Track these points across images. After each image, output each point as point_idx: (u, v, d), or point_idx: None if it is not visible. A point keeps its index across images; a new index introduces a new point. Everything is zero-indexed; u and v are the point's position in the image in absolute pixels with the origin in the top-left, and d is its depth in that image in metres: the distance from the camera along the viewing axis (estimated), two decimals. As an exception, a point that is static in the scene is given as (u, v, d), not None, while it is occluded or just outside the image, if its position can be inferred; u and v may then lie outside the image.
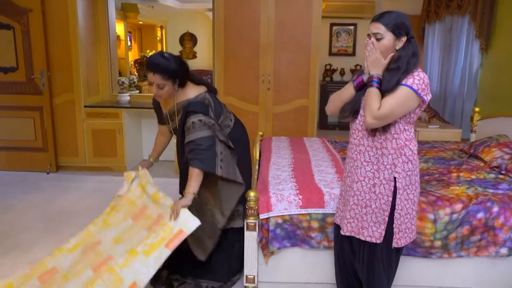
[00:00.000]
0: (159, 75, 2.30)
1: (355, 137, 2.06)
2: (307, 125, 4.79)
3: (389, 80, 1.89)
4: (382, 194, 1.99)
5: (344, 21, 7.35)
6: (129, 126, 4.98)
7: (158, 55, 2.33)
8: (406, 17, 1.93)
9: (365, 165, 2.01)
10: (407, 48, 1.91)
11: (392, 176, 1.96)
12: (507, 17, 4.83)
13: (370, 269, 2.11)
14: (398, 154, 1.95)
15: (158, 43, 7.83)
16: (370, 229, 2.04)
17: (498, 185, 2.75)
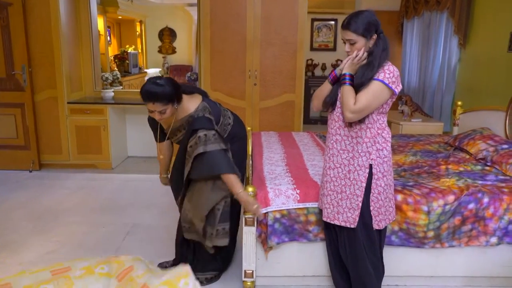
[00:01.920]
0: (159, 103, 2.31)
1: (332, 127, 2.21)
2: (294, 120, 4.84)
3: (362, 75, 2.06)
4: (356, 180, 2.14)
5: (325, 16, 7.42)
6: (113, 123, 4.92)
7: (152, 84, 2.30)
8: (373, 16, 2.08)
9: (341, 153, 2.17)
10: (379, 44, 2.08)
11: (368, 163, 2.12)
12: (484, 13, 4.99)
13: (352, 253, 2.25)
14: (372, 142, 2.12)
15: (138, 38, 7.73)
16: (345, 214, 2.19)
17: (485, 177, 2.86)
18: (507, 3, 4.43)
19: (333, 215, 2.23)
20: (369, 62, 2.06)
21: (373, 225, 2.19)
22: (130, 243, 3.21)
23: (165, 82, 2.32)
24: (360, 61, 2.06)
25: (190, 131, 2.43)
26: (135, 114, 5.29)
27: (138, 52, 7.47)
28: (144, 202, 3.98)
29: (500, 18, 4.56)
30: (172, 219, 3.54)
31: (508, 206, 2.53)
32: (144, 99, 2.33)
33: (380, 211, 2.18)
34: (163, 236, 3.30)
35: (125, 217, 3.65)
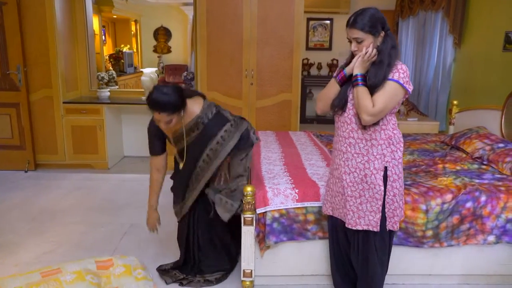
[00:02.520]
0: (165, 113, 2.29)
1: (344, 130, 2.13)
2: (291, 119, 4.84)
3: (375, 75, 1.98)
4: (374, 183, 2.08)
5: (321, 15, 7.43)
6: (110, 122, 4.90)
7: (159, 93, 2.27)
8: (378, 12, 2.01)
9: (355, 156, 2.09)
10: (387, 41, 2.01)
11: (383, 166, 2.06)
12: (479, 13, 5.02)
13: (364, 257, 2.20)
14: (387, 144, 2.06)
15: (133, 38, 7.69)
16: (366, 218, 2.12)
17: (482, 175, 2.88)
18: (502, 3, 4.47)
19: (354, 220, 2.14)
20: (380, 60, 1.98)
21: (387, 226, 2.14)
22: (127, 244, 3.19)
23: (171, 91, 2.29)
24: (370, 58, 1.97)
25: (208, 136, 2.46)
26: (131, 114, 5.27)
27: (133, 51, 7.44)
28: (141, 202, 3.94)
29: (494, 18, 4.60)
30: (170, 219, 3.51)
31: (505, 205, 2.55)
32: (151, 108, 2.30)
33: (395, 213, 2.13)
34: (160, 236, 3.27)
35: (122, 217, 3.64)
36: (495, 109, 3.72)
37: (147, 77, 5.06)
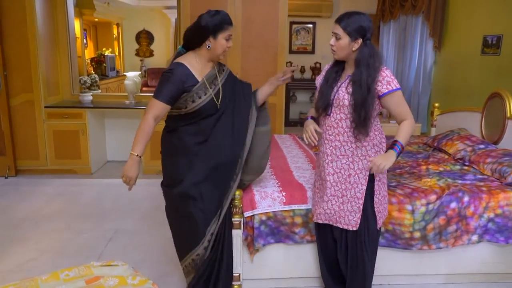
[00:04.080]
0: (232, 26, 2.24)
1: (330, 133, 2.18)
2: (276, 123, 4.86)
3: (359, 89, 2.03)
4: (357, 183, 2.15)
5: (303, 19, 7.49)
6: (92, 127, 4.83)
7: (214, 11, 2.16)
8: (366, 20, 2.05)
9: (340, 158, 2.16)
10: (363, 50, 2.05)
11: (368, 166, 2.11)
12: (458, 18, 5.14)
13: (353, 257, 2.24)
14: (371, 145, 2.14)
15: (115, 41, 7.63)
16: (346, 218, 2.20)
17: (464, 176, 2.94)
18: (480, 8, 4.58)
19: (335, 218, 2.22)
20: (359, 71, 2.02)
21: (378, 224, 2.23)
22: (112, 249, 3.15)
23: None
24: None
25: (233, 79, 2.41)
26: (114, 118, 5.22)
27: (115, 55, 7.37)
28: (125, 207, 3.92)
29: (473, 22, 4.71)
30: (155, 223, 3.51)
31: (487, 205, 2.60)
32: (228, 23, 2.17)
33: (379, 210, 2.23)
34: (146, 241, 3.26)
35: (106, 223, 3.59)
36: (475, 111, 3.80)
37: (131, 81, 5.02)
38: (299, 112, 7.86)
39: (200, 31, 2.16)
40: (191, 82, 2.17)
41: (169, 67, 2.19)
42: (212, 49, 2.19)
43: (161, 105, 2.15)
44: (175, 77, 2.14)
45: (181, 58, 2.23)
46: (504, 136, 3.36)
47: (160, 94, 2.14)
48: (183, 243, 2.38)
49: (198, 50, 2.23)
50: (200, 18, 2.17)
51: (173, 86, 2.14)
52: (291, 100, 7.70)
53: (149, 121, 2.15)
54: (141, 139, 2.15)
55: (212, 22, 2.13)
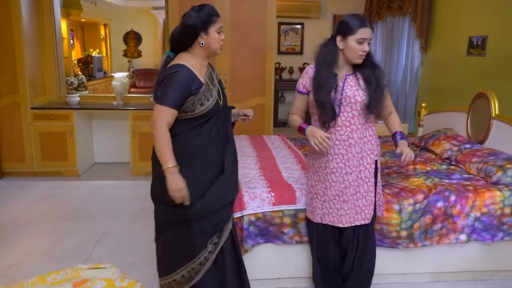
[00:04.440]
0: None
1: (342, 133, 2.19)
2: (264, 123, 4.87)
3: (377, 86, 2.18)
4: (368, 177, 2.24)
5: (292, 20, 7.51)
6: (80, 128, 4.79)
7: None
8: None
9: (356, 156, 2.21)
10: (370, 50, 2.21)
11: (374, 160, 2.21)
12: (444, 19, 5.20)
13: (364, 250, 2.33)
14: (374, 138, 2.25)
15: (102, 42, 7.56)
16: (363, 213, 2.26)
17: (451, 175, 2.98)
18: (465, 9, 4.64)
19: (352, 217, 2.24)
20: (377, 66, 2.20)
21: (378, 214, 2.35)
22: (100, 252, 3.13)
23: None
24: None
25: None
26: (102, 119, 5.17)
27: (103, 56, 7.31)
28: (113, 209, 3.89)
29: (459, 24, 4.77)
30: (143, 225, 3.49)
31: (474, 204, 2.64)
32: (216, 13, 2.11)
33: (383, 200, 2.39)
34: (134, 243, 3.24)
35: (94, 225, 3.56)
36: (461, 111, 3.86)
37: (118, 81, 4.98)
38: (287, 113, 7.86)
39: (190, 30, 2.06)
40: (197, 85, 2.06)
41: (172, 70, 2.03)
42: (206, 46, 2.09)
43: (170, 111, 2.01)
44: (181, 80, 2.01)
45: (179, 60, 2.08)
46: (489, 136, 3.41)
47: (167, 99, 1.99)
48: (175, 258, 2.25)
49: (192, 50, 2.11)
50: (185, 16, 2.08)
51: (179, 89, 2.01)
52: (279, 100, 7.71)
53: (164, 129, 2.01)
54: (167, 150, 2.01)
55: (200, 18, 2.04)
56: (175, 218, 2.18)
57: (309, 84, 2.25)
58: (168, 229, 2.25)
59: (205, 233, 2.20)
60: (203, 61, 2.15)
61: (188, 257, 2.21)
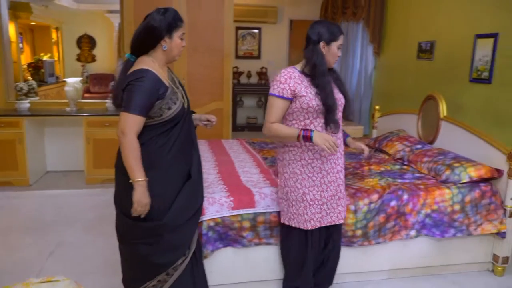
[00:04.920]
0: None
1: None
2: (223, 128, 4.86)
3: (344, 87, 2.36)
4: (343, 178, 2.41)
5: (249, 25, 7.55)
6: (30, 136, 4.59)
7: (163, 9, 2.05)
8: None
9: (341, 155, 2.37)
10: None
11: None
12: (395, 25, 5.39)
13: (338, 245, 2.50)
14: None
15: (54, 46, 7.30)
16: (344, 209, 2.44)
17: (404, 175, 3.08)
18: (414, 16, 4.84)
19: (344, 211, 2.41)
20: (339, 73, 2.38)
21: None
22: (54, 264, 3.01)
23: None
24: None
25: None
26: (54, 126, 4.99)
27: (55, 60, 7.05)
28: (67, 219, 3.75)
29: (408, 29, 4.96)
30: (99, 234, 3.39)
31: (425, 201, 2.75)
32: (181, 21, 2.07)
33: None
34: (90, 254, 3.14)
35: (47, 236, 3.42)
36: (413, 112, 4.00)
37: (71, 87, 4.83)
38: (246, 117, 7.90)
39: (154, 32, 2.00)
40: (163, 89, 2.00)
41: (137, 76, 1.95)
42: (168, 50, 2.05)
43: (139, 119, 1.94)
44: (148, 85, 1.94)
45: (142, 64, 2.00)
46: (438, 136, 3.56)
47: (135, 107, 1.91)
48: (140, 272, 2.18)
49: (153, 53, 2.05)
50: (150, 18, 2.01)
51: (147, 95, 1.94)
52: (238, 105, 7.73)
53: (134, 140, 1.94)
54: (137, 162, 1.95)
55: (166, 21, 1.99)
56: (143, 232, 2.11)
57: (300, 88, 2.17)
58: (133, 243, 2.16)
59: (176, 247, 2.15)
60: (163, 66, 2.10)
61: (157, 271, 2.16)
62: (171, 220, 2.10)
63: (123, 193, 2.10)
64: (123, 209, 2.12)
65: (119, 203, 2.18)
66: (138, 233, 2.12)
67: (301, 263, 2.41)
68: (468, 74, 3.77)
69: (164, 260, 2.14)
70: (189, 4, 4.57)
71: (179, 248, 2.17)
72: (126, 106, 1.94)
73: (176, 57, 2.12)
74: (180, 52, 2.12)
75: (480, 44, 3.65)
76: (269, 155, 3.68)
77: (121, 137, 1.95)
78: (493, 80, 3.52)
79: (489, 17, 3.62)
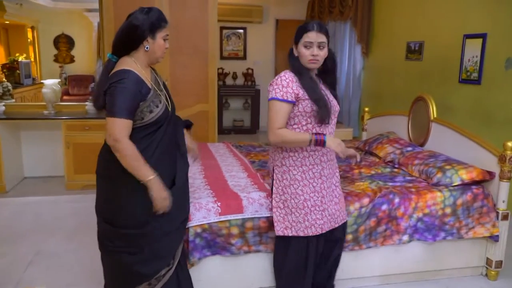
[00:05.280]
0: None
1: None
2: (208, 130, 4.75)
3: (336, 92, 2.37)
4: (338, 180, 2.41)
5: (234, 24, 7.45)
6: (6, 140, 4.40)
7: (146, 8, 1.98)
8: None
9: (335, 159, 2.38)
10: (334, 56, 2.31)
11: None
12: (383, 24, 5.36)
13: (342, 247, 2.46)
14: None
15: (30, 46, 7.08)
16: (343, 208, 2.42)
17: (395, 178, 3.02)
18: (402, 16, 4.81)
19: (343, 212, 2.36)
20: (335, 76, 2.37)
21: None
22: (33, 274, 2.86)
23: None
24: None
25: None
26: (32, 130, 4.80)
27: (31, 61, 6.84)
28: (47, 226, 3.60)
29: (397, 29, 4.93)
30: (80, 242, 3.25)
31: (416, 205, 2.69)
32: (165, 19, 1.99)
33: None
34: (71, 262, 3.00)
35: (25, 245, 3.26)
36: (402, 114, 3.95)
37: (49, 89, 4.65)
38: (232, 120, 7.79)
39: (136, 32, 1.92)
40: (145, 90, 1.93)
41: (119, 77, 1.87)
42: (150, 51, 1.97)
43: (127, 122, 1.87)
44: (131, 86, 1.87)
45: (123, 65, 1.92)
46: (429, 138, 3.51)
47: (121, 110, 1.84)
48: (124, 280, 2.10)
49: (135, 54, 1.97)
50: (132, 17, 1.94)
51: (130, 97, 1.86)
52: (224, 107, 7.61)
53: (128, 143, 1.87)
54: (140, 162, 1.89)
55: (149, 20, 1.92)
56: (126, 240, 2.02)
57: (302, 92, 2.11)
58: (115, 251, 2.06)
59: (160, 257, 2.07)
60: (146, 67, 2.02)
61: (139, 280, 2.08)
62: (155, 228, 2.02)
63: (106, 200, 2.03)
64: (105, 216, 2.05)
65: (101, 211, 2.10)
66: (121, 242, 2.03)
67: (300, 272, 2.30)
68: (458, 75, 3.74)
69: (148, 270, 2.06)
70: (171, 3, 4.45)
71: (163, 258, 2.10)
72: (111, 111, 1.86)
73: (160, 58, 2.04)
74: (164, 54, 2.04)
75: (469, 44, 3.63)
76: (257, 159, 3.58)
77: (115, 145, 1.86)
78: (483, 81, 3.50)
79: (477, 17, 3.59)
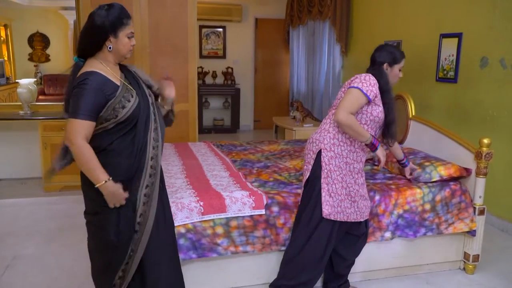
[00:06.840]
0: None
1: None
2: (189, 130, 4.71)
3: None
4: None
5: (213, 23, 7.42)
6: (-20, 141, 4.29)
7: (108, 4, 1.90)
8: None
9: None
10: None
11: None
12: (361, 24, 5.42)
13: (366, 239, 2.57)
14: None
15: (3, 44, 6.90)
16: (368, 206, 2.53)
17: (375, 175, 3.06)
18: (380, 15, 4.87)
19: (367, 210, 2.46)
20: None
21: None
22: (11, 279, 2.80)
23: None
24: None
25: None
26: (6, 131, 4.69)
27: (4, 60, 6.67)
28: (24, 229, 3.52)
29: (375, 29, 5.00)
30: (60, 245, 3.20)
31: (396, 202, 2.73)
32: (128, 16, 1.90)
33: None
34: (50, 266, 2.94)
35: (2, 249, 3.19)
36: (381, 112, 4.00)
37: (25, 88, 4.55)
38: (213, 119, 7.76)
39: (97, 32, 1.86)
40: (112, 89, 1.88)
41: (81, 79, 1.83)
42: (114, 51, 1.91)
43: (86, 124, 1.80)
44: (92, 87, 1.82)
45: (88, 67, 1.89)
46: (408, 136, 3.57)
47: (80, 112, 1.79)
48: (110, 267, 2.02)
49: (100, 54, 1.92)
50: (92, 16, 1.86)
51: (92, 98, 1.82)
52: (204, 106, 7.57)
53: (83, 144, 1.80)
54: (95, 165, 1.83)
55: (109, 18, 1.85)
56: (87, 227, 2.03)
57: (379, 98, 2.33)
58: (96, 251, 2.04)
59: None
60: (114, 66, 1.96)
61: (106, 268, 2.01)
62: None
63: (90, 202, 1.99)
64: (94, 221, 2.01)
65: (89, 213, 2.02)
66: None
67: (318, 256, 2.39)
68: (435, 74, 3.81)
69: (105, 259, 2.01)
70: (151, 1, 4.40)
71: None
72: (72, 112, 1.82)
73: (127, 55, 1.97)
74: (130, 51, 1.97)
75: (445, 43, 3.70)
76: (238, 158, 3.58)
77: (70, 147, 1.82)
78: (459, 80, 3.57)
79: (453, 17, 3.67)
